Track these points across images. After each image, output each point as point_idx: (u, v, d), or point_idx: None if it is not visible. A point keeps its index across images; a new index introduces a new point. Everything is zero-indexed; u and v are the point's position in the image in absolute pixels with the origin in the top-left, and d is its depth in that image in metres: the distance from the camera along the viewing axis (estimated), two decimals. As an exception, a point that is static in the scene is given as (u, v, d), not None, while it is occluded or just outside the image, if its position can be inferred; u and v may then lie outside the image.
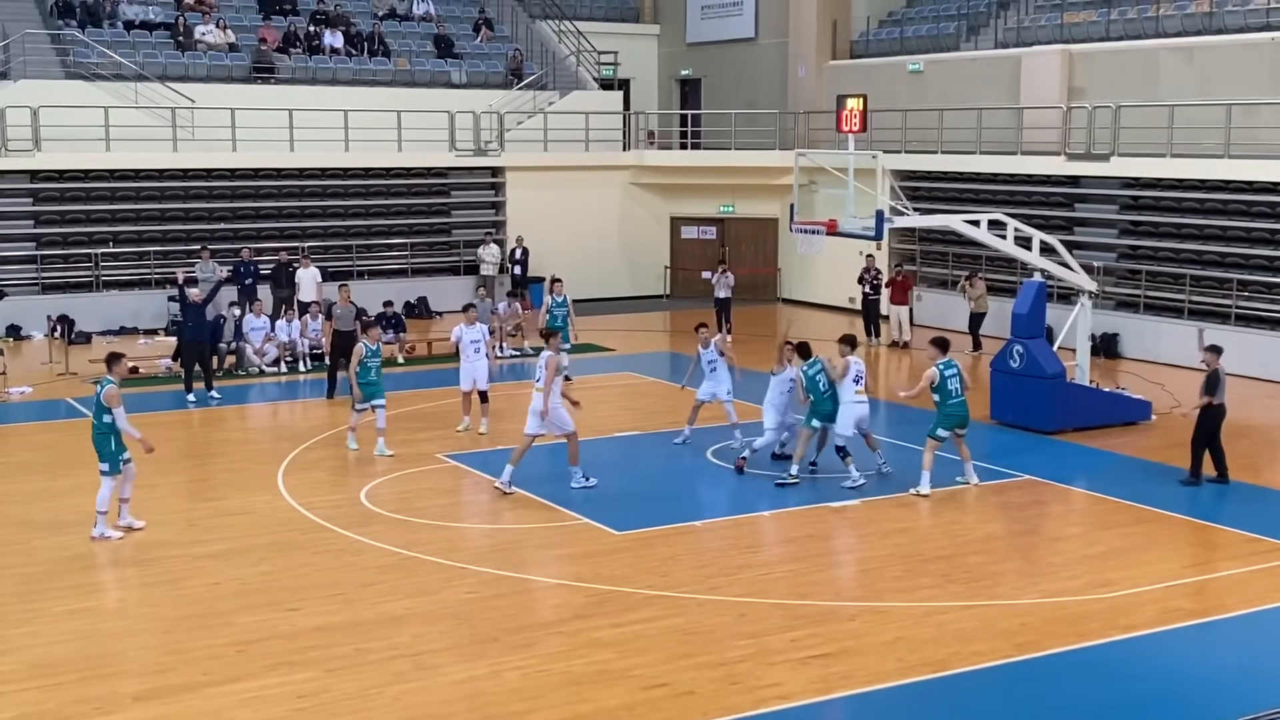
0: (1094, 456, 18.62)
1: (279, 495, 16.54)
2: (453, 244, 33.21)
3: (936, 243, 30.57)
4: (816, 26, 35.01)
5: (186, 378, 21.97)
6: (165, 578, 13.55)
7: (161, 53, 31.85)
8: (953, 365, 16.39)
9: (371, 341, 18.55)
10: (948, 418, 16.38)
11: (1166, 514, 15.66)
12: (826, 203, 21.05)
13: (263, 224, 31.20)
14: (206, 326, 22.31)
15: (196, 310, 22.01)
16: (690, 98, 40.39)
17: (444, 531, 15.01)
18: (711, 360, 18.47)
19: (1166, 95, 26.26)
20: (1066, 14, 30.27)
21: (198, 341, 22.04)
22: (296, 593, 13.02)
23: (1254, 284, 24.55)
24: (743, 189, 34.58)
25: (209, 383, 22.07)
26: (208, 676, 11.04)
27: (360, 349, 18.47)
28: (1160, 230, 26.75)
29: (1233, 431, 20.19)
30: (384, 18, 36.24)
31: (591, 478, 16.47)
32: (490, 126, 33.40)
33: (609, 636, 11.91)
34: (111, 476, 14.58)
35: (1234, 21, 26.75)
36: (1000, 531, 15.20)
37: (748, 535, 14.94)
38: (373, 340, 18.59)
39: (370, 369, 18.42)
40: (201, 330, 22.09)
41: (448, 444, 19.00)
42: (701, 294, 31.61)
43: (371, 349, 18.48)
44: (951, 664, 11.33)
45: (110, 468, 14.57)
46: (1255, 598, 12.94)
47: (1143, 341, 25.93)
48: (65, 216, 29.83)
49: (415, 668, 11.24)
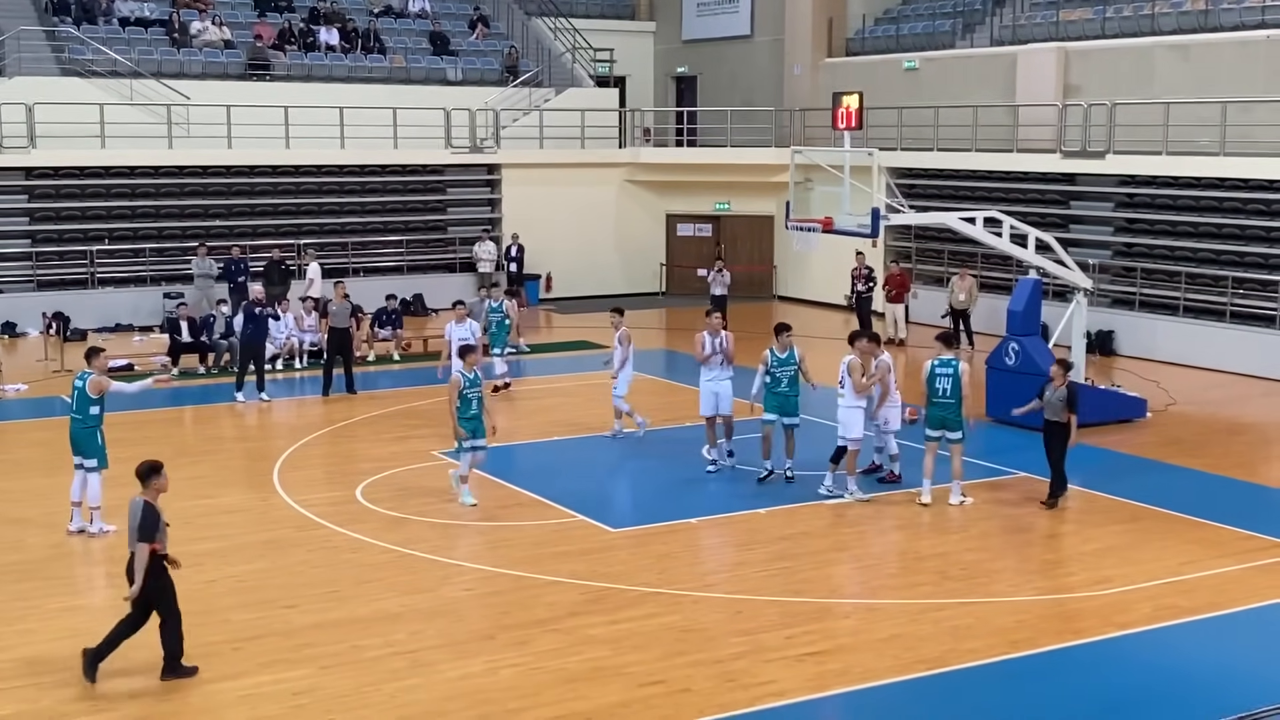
0: (1089, 454, 18.62)
1: (275, 492, 16.53)
2: (448, 241, 33.19)
3: (932, 240, 30.58)
4: (812, 24, 34.99)
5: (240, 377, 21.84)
6: (161, 575, 13.52)
7: (157, 49, 31.81)
8: (950, 364, 15.81)
9: (469, 368, 15.78)
10: (928, 419, 16.03)
11: (1162, 511, 15.68)
12: (822, 200, 21.05)
13: (258, 221, 31.17)
14: (265, 326, 22.14)
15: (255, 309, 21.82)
16: (686, 95, 40.37)
17: (440, 529, 15.01)
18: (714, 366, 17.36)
19: (1162, 93, 26.27)
20: (1062, 11, 30.27)
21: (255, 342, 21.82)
22: (292, 590, 13.02)
23: (1249, 281, 24.57)
24: (738, 186, 34.58)
25: (261, 383, 21.87)
26: (204, 674, 11.02)
27: (458, 379, 15.69)
28: (1155, 228, 26.77)
29: (1229, 429, 20.30)
30: (379, 14, 36.22)
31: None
32: (486, 124, 33.36)
33: (605, 634, 11.91)
34: (100, 471, 14.51)
35: (1229, 19, 26.77)
36: (996, 529, 15.21)
37: (743, 532, 14.95)
38: (470, 366, 15.82)
39: (471, 401, 15.69)
40: (261, 330, 21.91)
41: (443, 441, 18.97)
42: (697, 291, 31.61)
43: (470, 377, 15.70)
44: (948, 661, 11.35)
45: (99, 462, 14.51)
46: (1251, 595, 12.96)
47: (1138, 339, 25.94)
48: (60, 213, 29.79)
49: (411, 665, 11.24)
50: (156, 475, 10.98)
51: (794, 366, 16.51)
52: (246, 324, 21.90)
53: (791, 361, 16.50)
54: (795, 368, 16.52)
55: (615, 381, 19.05)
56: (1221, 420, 20.86)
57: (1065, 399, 15.70)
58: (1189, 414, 21.07)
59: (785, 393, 16.48)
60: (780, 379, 16.48)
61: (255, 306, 21.80)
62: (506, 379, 22.40)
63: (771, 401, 16.56)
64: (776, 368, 16.49)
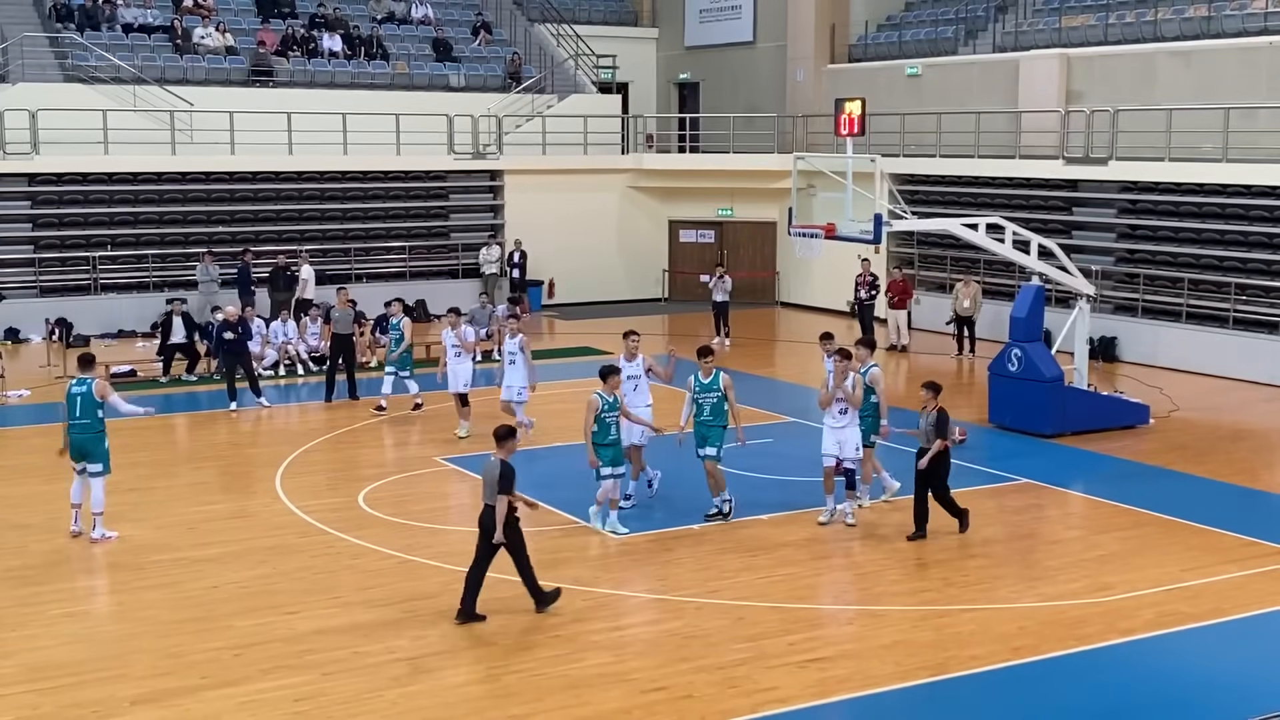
0: (1092, 460, 18.62)
1: (277, 498, 16.53)
2: (451, 247, 33.19)
3: (934, 246, 30.57)
4: (815, 30, 35.03)
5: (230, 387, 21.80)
6: (163, 581, 13.53)
7: (160, 56, 31.85)
8: (873, 369, 15.60)
9: (610, 391, 14.67)
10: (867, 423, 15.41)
11: (1164, 517, 15.66)
12: (825, 206, 21.02)
13: (261, 227, 31.19)
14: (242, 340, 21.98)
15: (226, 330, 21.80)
16: (689, 101, 40.41)
17: (442, 535, 15.01)
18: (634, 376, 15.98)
19: (1164, 99, 26.28)
20: (1064, 18, 30.29)
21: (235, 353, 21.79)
22: (294, 596, 13.02)
23: (1252, 288, 24.56)
24: (741, 192, 34.58)
25: (255, 388, 21.85)
26: (205, 680, 11.04)
27: (595, 401, 14.55)
28: (1158, 234, 26.75)
29: (1231, 435, 20.28)
30: (382, 21, 36.26)
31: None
32: (489, 130, 33.40)
33: (607, 640, 11.91)
34: (104, 477, 14.52)
35: (1232, 26, 26.77)
36: (998, 535, 15.19)
37: (745, 539, 14.92)
38: (611, 390, 14.70)
39: (610, 426, 14.63)
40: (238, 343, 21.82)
41: (445, 447, 18.99)
42: (700, 297, 31.59)
43: (609, 401, 14.62)
44: (950, 668, 11.34)
45: (104, 467, 14.53)
46: (1253, 601, 12.95)
47: (1140, 345, 25.93)
48: (63, 219, 29.81)
49: (413, 671, 11.23)
50: (511, 438, 12.42)
51: (718, 392, 15.21)
52: (220, 343, 21.99)
53: (715, 387, 15.22)
54: (719, 394, 15.21)
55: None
56: (1224, 426, 20.84)
57: (935, 424, 14.68)
58: (1191, 420, 21.05)
59: (708, 421, 15.19)
60: (704, 406, 15.24)
61: (226, 329, 21.78)
62: (418, 399, 21.86)
63: (696, 430, 15.36)
64: (700, 394, 15.28)
